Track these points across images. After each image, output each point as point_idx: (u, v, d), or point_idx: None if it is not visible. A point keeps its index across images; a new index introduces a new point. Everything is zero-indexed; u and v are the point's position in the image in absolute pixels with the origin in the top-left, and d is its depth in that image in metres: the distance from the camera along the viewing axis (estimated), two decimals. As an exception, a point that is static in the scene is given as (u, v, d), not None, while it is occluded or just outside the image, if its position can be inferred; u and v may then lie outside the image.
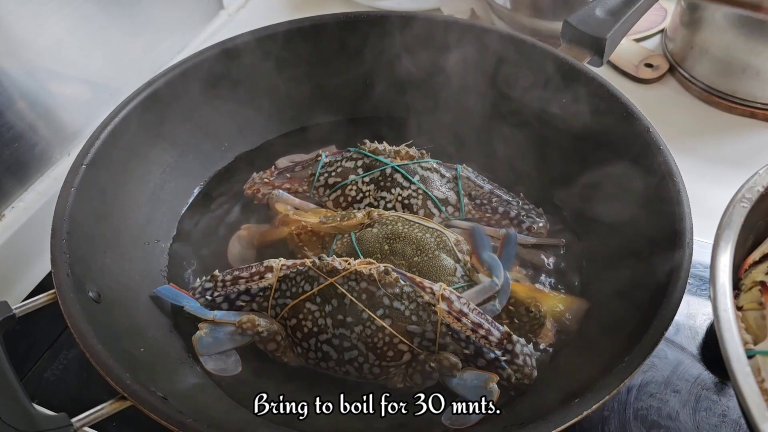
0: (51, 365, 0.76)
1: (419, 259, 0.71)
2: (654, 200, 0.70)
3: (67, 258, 0.63)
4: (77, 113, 0.95)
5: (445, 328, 0.64)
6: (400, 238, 0.72)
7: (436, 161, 0.82)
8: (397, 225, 0.73)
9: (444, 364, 0.63)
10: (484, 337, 0.64)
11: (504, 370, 0.63)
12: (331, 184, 0.81)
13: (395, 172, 0.80)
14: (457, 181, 0.81)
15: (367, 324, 0.64)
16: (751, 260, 0.61)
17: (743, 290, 0.59)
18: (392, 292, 0.64)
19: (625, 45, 1.13)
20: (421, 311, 0.64)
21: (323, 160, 0.83)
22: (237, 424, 0.61)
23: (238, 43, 0.86)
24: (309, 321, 0.65)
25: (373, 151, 0.82)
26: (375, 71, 0.93)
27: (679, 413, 0.71)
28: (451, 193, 0.80)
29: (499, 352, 0.64)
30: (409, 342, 0.64)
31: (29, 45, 0.87)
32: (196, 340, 0.67)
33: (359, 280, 0.65)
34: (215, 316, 0.68)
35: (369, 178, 0.80)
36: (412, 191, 0.79)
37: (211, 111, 0.87)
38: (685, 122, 1.04)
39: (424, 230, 0.73)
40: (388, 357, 0.64)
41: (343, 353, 0.64)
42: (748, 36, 0.98)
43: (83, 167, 0.70)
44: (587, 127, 0.80)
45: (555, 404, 0.56)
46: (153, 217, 0.79)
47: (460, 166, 0.82)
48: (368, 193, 0.79)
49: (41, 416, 0.53)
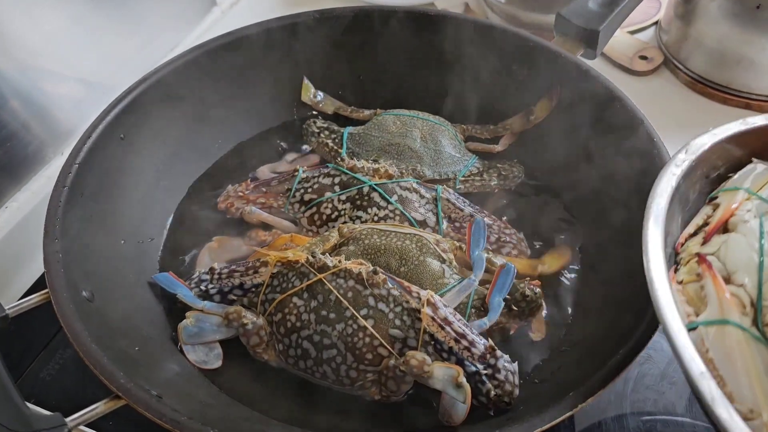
0: (46, 365, 0.76)
1: (406, 269, 0.69)
2: (648, 191, 0.69)
3: (59, 257, 0.63)
4: (71, 112, 0.95)
5: (428, 337, 0.62)
6: (381, 252, 0.70)
7: (416, 181, 0.79)
8: (373, 238, 0.71)
9: (412, 363, 0.60)
10: (467, 348, 0.61)
11: (484, 385, 0.61)
12: (306, 200, 0.79)
13: (373, 191, 0.77)
14: (437, 202, 0.78)
15: (349, 323, 0.63)
16: (687, 234, 0.61)
17: (682, 264, 0.59)
18: (378, 293, 0.64)
19: (619, 37, 1.13)
20: (405, 316, 0.63)
21: (300, 175, 0.81)
22: (232, 422, 0.61)
23: (231, 39, 0.86)
24: (293, 315, 0.65)
25: (351, 168, 0.79)
26: (367, 66, 0.93)
27: (675, 405, 0.71)
28: (430, 215, 0.77)
29: (481, 366, 0.61)
30: (389, 346, 0.62)
31: (22, 44, 0.87)
32: (181, 329, 0.67)
33: (347, 278, 0.64)
34: (204, 306, 0.68)
35: (345, 196, 0.77)
36: (389, 211, 0.76)
37: (204, 108, 0.87)
38: (680, 114, 1.04)
39: (402, 237, 0.71)
40: (366, 360, 0.63)
41: (321, 351, 0.64)
42: (743, 27, 0.98)
43: (75, 166, 0.70)
44: (580, 120, 0.80)
45: (550, 397, 0.56)
46: (146, 215, 0.79)
47: (440, 188, 0.79)
48: (344, 212, 0.77)
49: (35, 416, 0.53)
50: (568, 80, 0.81)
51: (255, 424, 0.62)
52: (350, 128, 0.89)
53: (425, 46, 0.89)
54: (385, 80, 0.93)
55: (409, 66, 0.92)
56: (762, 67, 0.99)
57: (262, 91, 0.91)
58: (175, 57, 0.83)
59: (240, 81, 0.89)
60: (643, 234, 0.54)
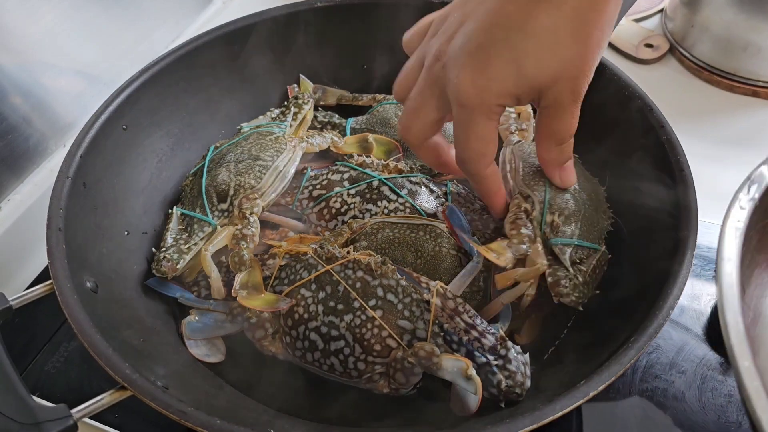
0: (51, 358, 0.76)
1: (422, 261, 0.68)
2: (657, 180, 0.69)
3: (63, 248, 0.62)
4: (71, 104, 0.94)
5: (437, 328, 0.62)
6: (395, 245, 0.69)
7: (425, 176, 0.78)
8: (385, 232, 0.70)
9: (420, 354, 0.59)
10: (477, 339, 0.60)
11: (494, 375, 0.60)
12: (315, 196, 0.78)
13: (382, 185, 0.76)
14: (447, 196, 0.77)
15: (357, 313, 0.62)
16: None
17: None
18: (387, 284, 0.63)
19: (624, 25, 1.12)
20: (414, 307, 0.62)
21: (309, 173, 0.80)
22: (238, 414, 0.60)
23: (232, 29, 0.85)
24: (301, 307, 0.64)
25: (360, 164, 0.79)
26: (375, 56, 0.92)
27: (684, 394, 0.70)
28: (441, 209, 0.75)
29: (492, 356, 0.60)
30: (398, 338, 0.62)
31: (21, 36, 0.86)
32: (185, 324, 0.67)
33: (356, 269, 0.64)
34: (210, 305, 0.68)
35: (355, 191, 0.76)
36: (399, 204, 0.74)
37: (206, 98, 0.86)
38: (687, 102, 1.03)
39: (414, 228, 0.70)
40: (375, 351, 0.62)
41: (329, 343, 0.63)
42: (749, 13, 0.97)
43: (78, 157, 0.69)
44: (589, 107, 0.79)
45: (560, 387, 0.55)
46: (150, 205, 0.78)
47: (450, 183, 0.78)
48: (353, 206, 0.75)
49: (40, 408, 0.52)
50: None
51: (261, 415, 0.62)
52: (352, 121, 0.88)
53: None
54: (391, 69, 0.92)
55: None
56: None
57: (264, 81, 0.90)
58: (176, 47, 0.82)
59: (242, 71, 0.88)
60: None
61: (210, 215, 0.73)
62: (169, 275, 0.69)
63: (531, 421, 0.51)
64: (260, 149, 0.77)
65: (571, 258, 0.67)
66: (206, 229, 0.72)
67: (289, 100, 0.88)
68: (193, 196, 0.77)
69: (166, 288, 0.70)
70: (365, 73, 0.93)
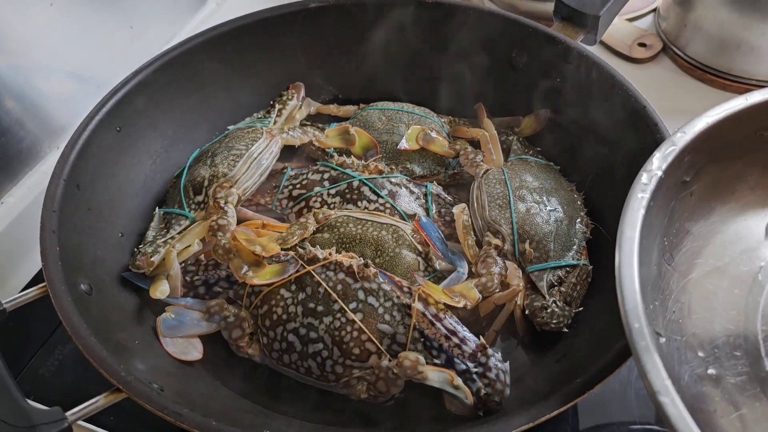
0: (46, 361, 0.75)
1: (381, 260, 0.67)
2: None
3: (56, 250, 0.62)
4: (65, 106, 0.94)
5: (417, 334, 0.61)
6: (356, 241, 0.69)
7: (405, 177, 0.79)
8: (349, 227, 0.70)
9: (405, 364, 0.58)
10: (458, 345, 0.60)
11: (474, 383, 0.59)
12: (295, 196, 0.78)
13: (363, 185, 0.76)
14: (427, 197, 0.77)
15: (337, 316, 0.62)
16: None
17: None
18: (368, 287, 0.62)
19: (617, 24, 1.12)
20: (395, 311, 0.62)
21: (288, 172, 0.80)
22: (234, 415, 0.60)
23: (225, 30, 0.85)
24: (280, 308, 0.64)
25: (340, 164, 0.79)
26: (367, 56, 0.92)
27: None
28: (420, 210, 0.76)
29: (472, 363, 0.60)
30: (377, 342, 0.61)
31: (13, 38, 0.86)
32: (160, 321, 0.66)
33: (337, 270, 0.63)
34: (186, 303, 0.67)
35: (335, 191, 0.76)
36: (379, 205, 0.74)
37: (201, 99, 0.86)
38: (680, 101, 1.03)
39: (378, 228, 0.69)
40: (353, 355, 0.61)
41: (307, 345, 0.62)
42: (742, 12, 0.97)
43: (71, 159, 0.69)
44: (583, 106, 0.79)
45: (556, 383, 0.55)
46: (144, 207, 0.78)
47: (431, 184, 0.78)
48: (333, 206, 0.75)
49: (34, 411, 0.52)
50: (568, 66, 0.80)
51: (257, 417, 0.62)
52: (335, 125, 0.87)
53: (424, 33, 0.88)
54: (382, 68, 0.92)
55: (407, 53, 0.91)
56: (761, 52, 0.98)
57: (257, 83, 0.90)
58: (170, 48, 0.82)
59: (235, 72, 0.88)
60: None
61: (186, 209, 0.74)
62: (145, 269, 0.69)
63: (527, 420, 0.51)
64: (236, 141, 0.78)
65: (548, 282, 0.68)
66: (183, 223, 0.73)
67: (274, 99, 0.88)
68: (173, 195, 0.77)
69: (142, 281, 0.70)
70: (357, 73, 0.93)
